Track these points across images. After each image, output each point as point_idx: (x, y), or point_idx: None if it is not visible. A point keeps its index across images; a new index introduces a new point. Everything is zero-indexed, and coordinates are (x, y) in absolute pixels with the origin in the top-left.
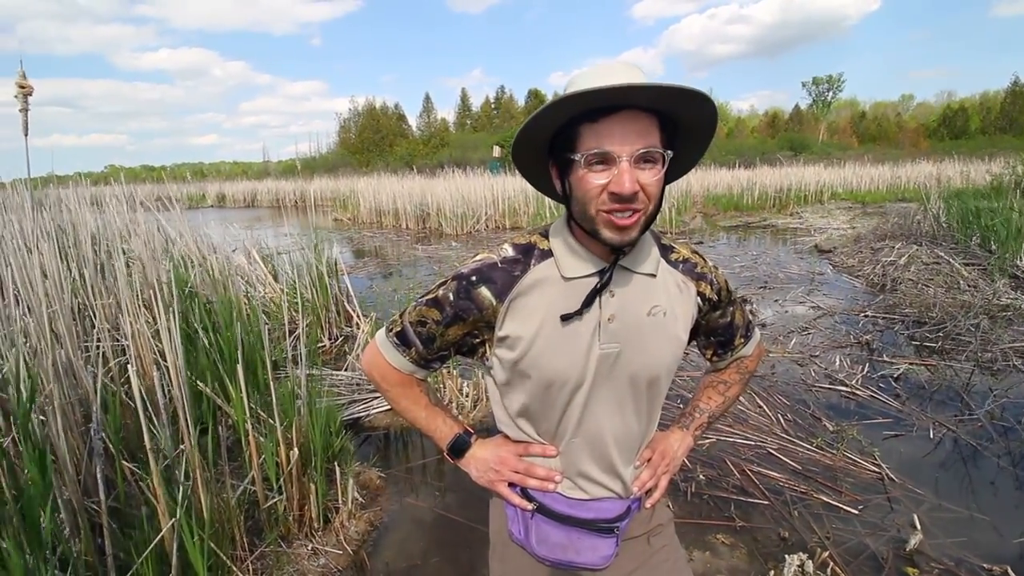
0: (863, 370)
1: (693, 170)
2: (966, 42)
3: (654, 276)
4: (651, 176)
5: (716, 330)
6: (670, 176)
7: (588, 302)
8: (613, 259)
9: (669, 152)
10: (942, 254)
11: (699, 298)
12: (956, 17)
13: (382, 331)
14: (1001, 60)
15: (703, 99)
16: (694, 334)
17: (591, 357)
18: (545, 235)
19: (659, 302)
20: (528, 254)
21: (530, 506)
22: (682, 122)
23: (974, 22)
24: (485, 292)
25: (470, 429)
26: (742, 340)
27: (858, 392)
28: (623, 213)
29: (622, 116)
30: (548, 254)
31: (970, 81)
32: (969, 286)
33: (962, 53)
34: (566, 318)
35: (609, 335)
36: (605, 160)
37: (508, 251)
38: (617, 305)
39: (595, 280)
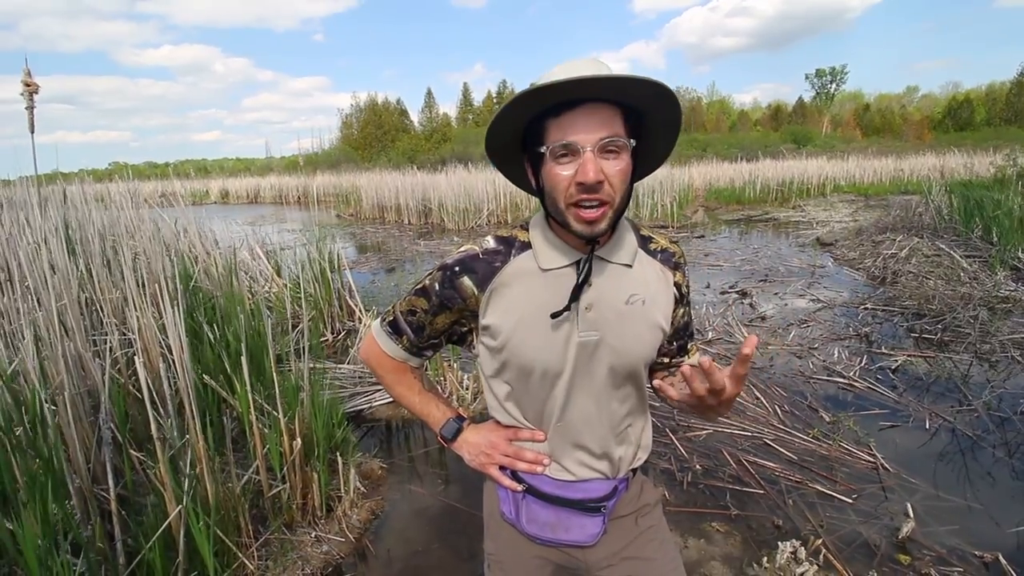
0: (861, 362)
1: (695, 164)
2: (972, 33)
3: (630, 266)
4: (615, 166)
5: (678, 331)
6: (641, 171)
7: (575, 297)
8: (589, 250)
9: (632, 141)
10: (943, 246)
11: (675, 288)
12: (961, 7)
13: (377, 320)
14: (1008, 51)
15: (659, 88)
16: None
17: (570, 346)
18: (526, 228)
19: (637, 291)
20: (509, 246)
21: (519, 487)
22: (645, 112)
23: (980, 12)
24: (467, 282)
25: (462, 415)
26: (692, 345)
27: (856, 384)
28: (590, 205)
29: (584, 109)
30: (527, 246)
31: (976, 72)
32: (969, 278)
33: (968, 44)
34: (555, 316)
35: (587, 324)
36: (570, 151)
37: (490, 243)
38: (594, 294)
39: (572, 271)
